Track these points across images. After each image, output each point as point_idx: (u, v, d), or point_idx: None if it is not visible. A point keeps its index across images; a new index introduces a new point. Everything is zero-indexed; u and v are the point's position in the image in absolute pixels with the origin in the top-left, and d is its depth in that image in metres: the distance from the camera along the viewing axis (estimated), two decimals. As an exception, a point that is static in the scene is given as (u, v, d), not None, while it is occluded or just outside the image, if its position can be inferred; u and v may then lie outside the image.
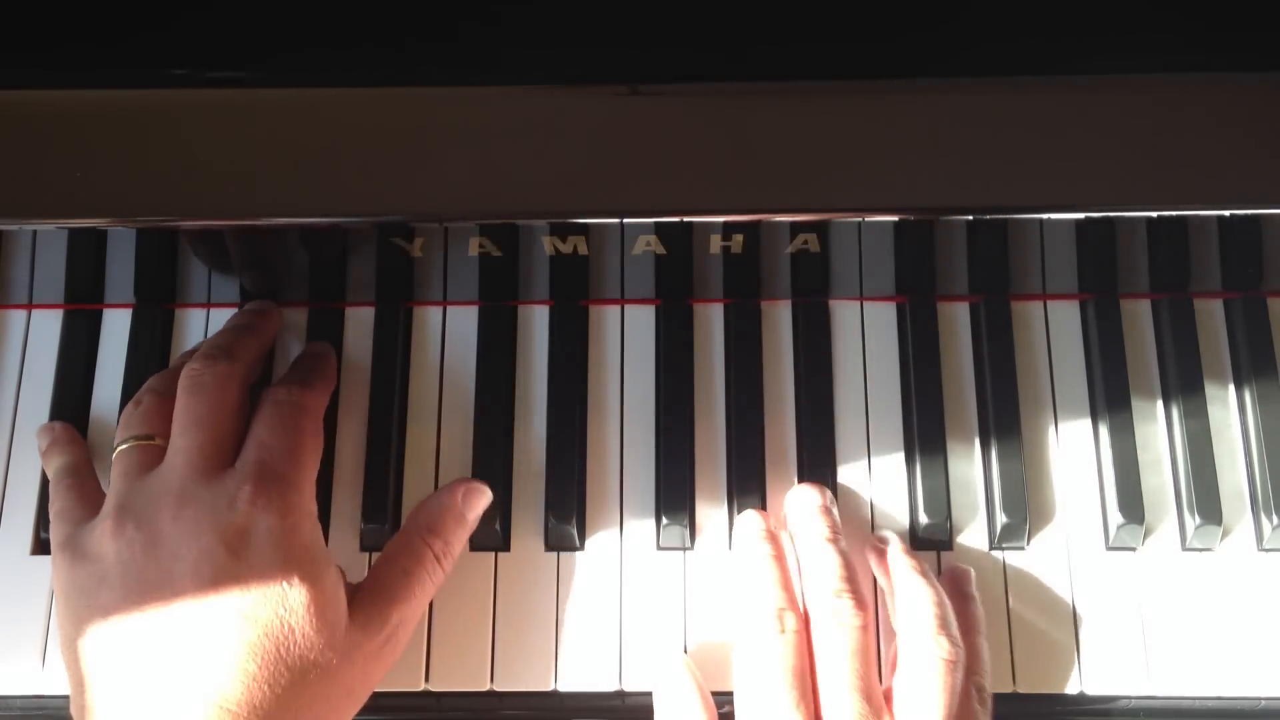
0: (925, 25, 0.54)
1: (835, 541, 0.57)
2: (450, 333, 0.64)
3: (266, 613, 0.51)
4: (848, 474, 0.61)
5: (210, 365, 0.57)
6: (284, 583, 0.52)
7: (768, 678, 0.54)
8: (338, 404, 0.63)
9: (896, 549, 0.58)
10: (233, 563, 0.52)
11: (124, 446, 0.57)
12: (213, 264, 0.61)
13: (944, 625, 0.55)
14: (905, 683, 0.54)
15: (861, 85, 0.53)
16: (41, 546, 0.61)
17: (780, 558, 0.58)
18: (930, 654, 0.54)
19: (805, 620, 0.56)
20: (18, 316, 0.64)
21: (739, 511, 0.60)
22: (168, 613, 0.51)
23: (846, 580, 0.56)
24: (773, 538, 0.58)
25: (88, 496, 0.57)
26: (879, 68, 0.53)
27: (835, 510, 0.60)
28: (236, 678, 0.50)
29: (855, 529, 0.60)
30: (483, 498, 0.59)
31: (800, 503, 0.59)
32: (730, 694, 0.56)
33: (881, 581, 0.59)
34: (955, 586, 0.59)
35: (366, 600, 0.55)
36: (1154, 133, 0.52)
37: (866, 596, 0.56)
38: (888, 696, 0.55)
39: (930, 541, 0.60)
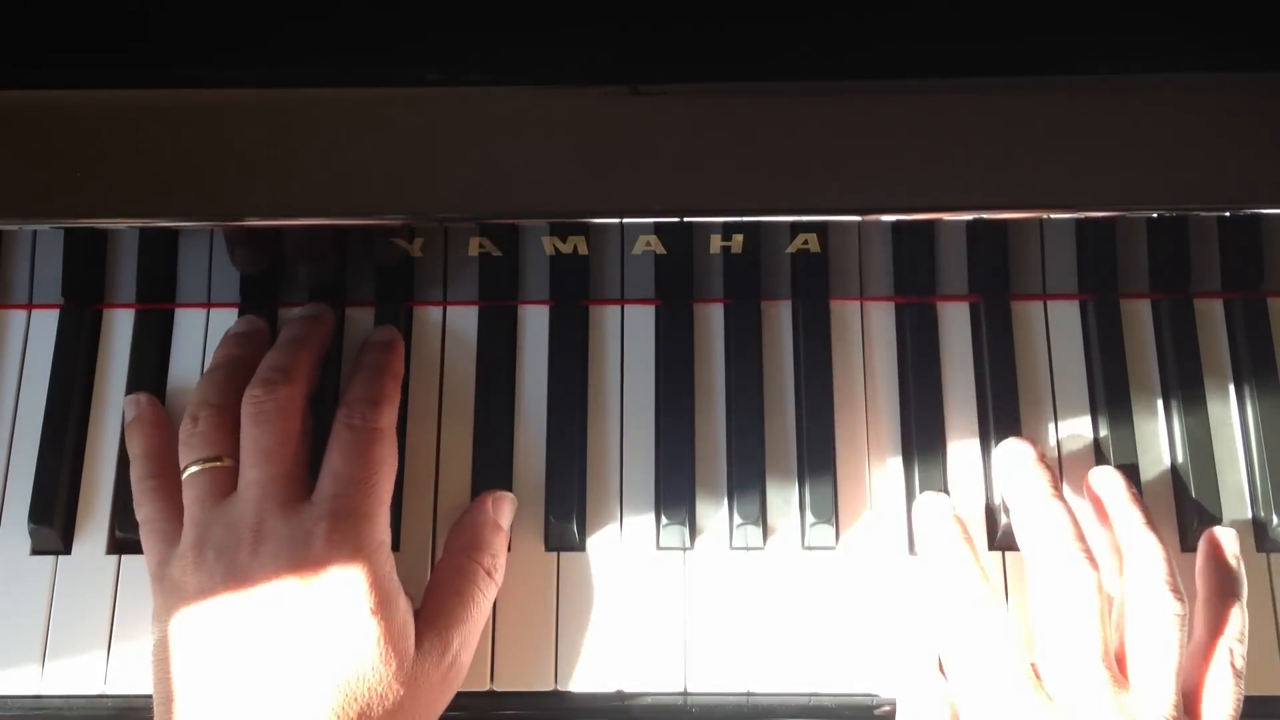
0: (925, 25, 0.54)
1: (1058, 497, 0.57)
2: (450, 333, 0.64)
3: (340, 647, 0.52)
4: (847, 474, 0.61)
5: (271, 391, 0.57)
6: (357, 617, 0.52)
7: (991, 658, 0.54)
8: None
9: (1122, 498, 0.58)
10: (309, 598, 0.53)
11: (194, 470, 0.57)
12: (212, 264, 0.61)
13: (1171, 578, 0.55)
14: (1137, 639, 0.54)
15: (862, 85, 0.53)
16: (41, 547, 0.61)
17: (970, 539, 0.57)
18: (1163, 609, 0.54)
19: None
20: (18, 316, 0.64)
21: (738, 512, 0.60)
22: (244, 646, 0.52)
23: (1079, 539, 0.55)
24: (959, 520, 0.58)
25: (172, 504, 0.58)
26: (879, 68, 0.53)
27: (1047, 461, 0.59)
28: (307, 710, 0.51)
29: (850, 527, 0.60)
30: (511, 504, 0.60)
31: (1013, 456, 0.59)
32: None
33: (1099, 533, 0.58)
34: (1213, 551, 0.57)
35: (426, 627, 0.55)
36: (1154, 133, 0.52)
37: (1095, 553, 0.55)
38: (1120, 657, 0.54)
39: (930, 541, 0.60)
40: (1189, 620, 0.55)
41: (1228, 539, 0.58)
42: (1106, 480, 0.59)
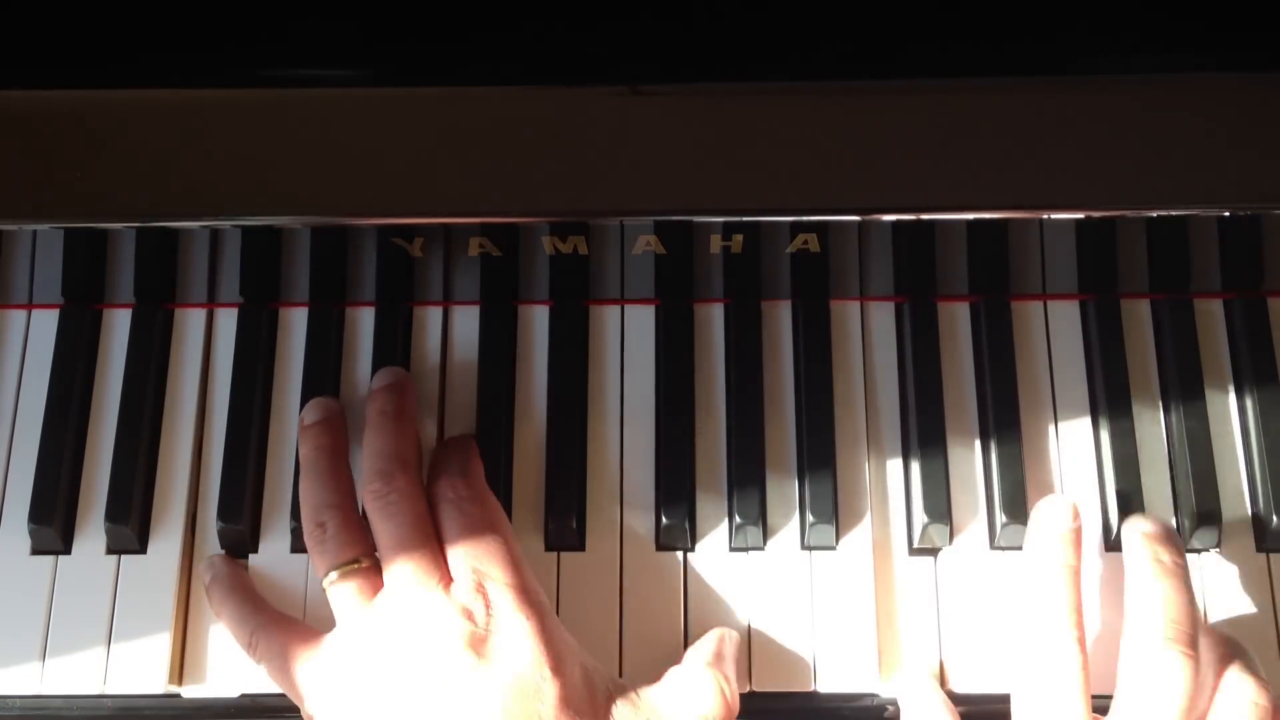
0: (925, 25, 0.55)
1: (1168, 575, 0.55)
2: (451, 333, 0.64)
3: (525, 714, 0.51)
4: (847, 474, 0.61)
5: (390, 482, 0.57)
6: (538, 682, 0.52)
7: (1058, 693, 0.53)
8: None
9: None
10: (488, 676, 0.52)
11: (335, 577, 0.56)
12: (213, 263, 0.61)
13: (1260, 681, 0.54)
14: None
15: (861, 85, 0.53)
16: (41, 547, 0.61)
17: (1078, 571, 0.56)
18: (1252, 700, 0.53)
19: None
20: (18, 316, 0.64)
21: (738, 512, 0.60)
22: None
23: (1181, 623, 0.54)
24: (1077, 542, 0.57)
25: (288, 631, 0.57)
26: (879, 68, 0.53)
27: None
28: None
29: (850, 527, 0.60)
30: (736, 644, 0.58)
31: (1137, 528, 0.57)
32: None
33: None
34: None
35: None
36: (1154, 133, 0.52)
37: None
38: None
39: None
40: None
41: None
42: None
